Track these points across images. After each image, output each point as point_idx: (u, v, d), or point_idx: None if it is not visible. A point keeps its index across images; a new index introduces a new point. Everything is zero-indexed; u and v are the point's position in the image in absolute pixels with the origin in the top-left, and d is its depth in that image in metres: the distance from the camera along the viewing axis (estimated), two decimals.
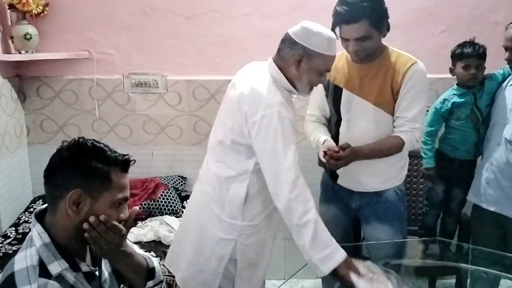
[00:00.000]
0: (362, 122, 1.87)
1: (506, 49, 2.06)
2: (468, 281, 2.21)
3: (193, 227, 1.76)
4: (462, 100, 2.23)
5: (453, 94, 2.27)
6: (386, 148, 1.84)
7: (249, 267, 1.74)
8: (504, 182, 2.05)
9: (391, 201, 1.94)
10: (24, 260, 1.10)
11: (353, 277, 1.46)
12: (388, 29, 1.83)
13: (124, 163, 1.18)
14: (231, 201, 1.66)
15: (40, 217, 1.17)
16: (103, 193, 1.14)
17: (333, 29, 1.72)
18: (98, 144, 1.17)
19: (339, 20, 1.72)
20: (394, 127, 1.86)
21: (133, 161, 1.21)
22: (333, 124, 1.99)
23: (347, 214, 2.05)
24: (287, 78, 1.63)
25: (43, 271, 1.09)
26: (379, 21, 1.74)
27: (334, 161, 1.77)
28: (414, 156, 2.60)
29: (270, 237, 1.81)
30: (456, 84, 2.28)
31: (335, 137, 1.94)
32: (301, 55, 1.59)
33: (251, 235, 1.71)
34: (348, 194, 2.00)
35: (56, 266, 1.11)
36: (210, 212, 1.70)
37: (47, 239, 1.13)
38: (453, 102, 2.24)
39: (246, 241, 1.70)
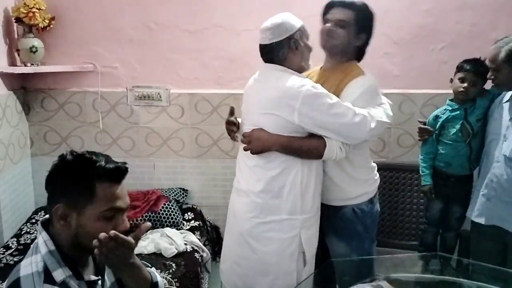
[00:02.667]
0: None
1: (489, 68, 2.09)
2: None
3: (251, 240, 1.79)
4: (453, 114, 2.27)
5: (445, 109, 2.31)
6: (306, 145, 1.73)
7: (312, 258, 1.83)
8: (507, 198, 2.05)
9: (347, 219, 1.89)
10: (29, 266, 1.12)
11: None
12: (362, 47, 1.87)
13: (112, 174, 1.14)
14: (289, 197, 1.73)
15: (46, 224, 1.19)
16: (87, 207, 1.13)
17: (325, 10, 1.85)
18: (85, 156, 1.15)
19: (336, 2, 1.83)
20: None
21: (124, 169, 1.17)
22: None
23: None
24: (292, 67, 1.76)
25: (48, 278, 1.11)
26: (362, 22, 1.81)
27: (243, 138, 1.81)
28: (412, 171, 2.62)
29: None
30: (449, 100, 2.31)
31: None
32: (294, 41, 1.73)
33: (311, 226, 1.80)
34: None
35: (60, 273, 1.13)
36: (265, 221, 1.76)
37: (52, 247, 1.15)
38: (445, 118, 2.28)
39: (308, 232, 1.78)
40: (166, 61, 2.78)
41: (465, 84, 2.22)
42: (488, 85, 2.26)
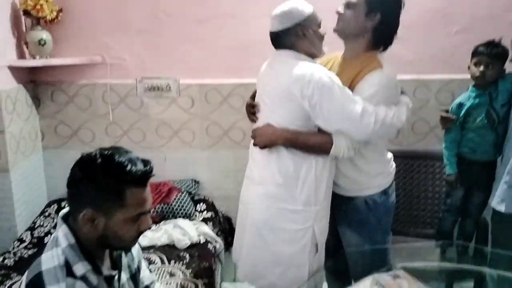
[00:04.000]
0: None
1: None
2: (487, 285, 2.16)
3: (264, 231, 1.78)
4: (478, 101, 2.20)
5: (468, 96, 2.24)
6: (312, 141, 1.71)
7: (322, 248, 1.82)
8: None
9: (359, 210, 1.87)
10: (51, 259, 1.12)
11: None
12: (384, 32, 1.78)
13: (140, 179, 1.14)
14: (303, 188, 1.72)
15: (65, 218, 1.19)
16: (116, 212, 1.13)
17: None
18: (115, 159, 1.12)
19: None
20: None
21: (150, 172, 1.18)
22: None
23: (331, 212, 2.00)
24: (303, 54, 1.75)
25: (69, 272, 1.11)
26: (374, 1, 1.73)
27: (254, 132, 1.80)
28: (427, 158, 2.57)
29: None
30: (472, 86, 2.26)
31: None
32: (300, 29, 1.72)
33: (323, 217, 1.79)
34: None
35: (81, 267, 1.12)
36: (279, 209, 1.75)
37: (73, 240, 1.14)
38: (469, 106, 2.21)
39: (321, 224, 1.77)
40: (175, 51, 2.75)
41: (481, 68, 2.16)
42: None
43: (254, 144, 1.79)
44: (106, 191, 1.11)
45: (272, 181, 1.75)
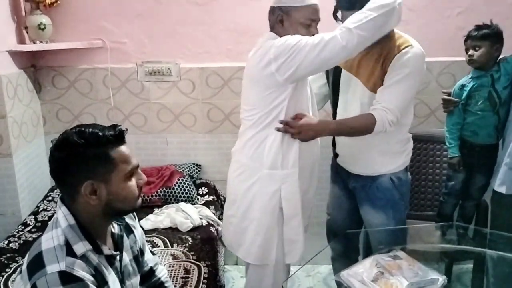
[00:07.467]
0: (356, 103, 1.86)
1: None
2: (486, 265, 2.18)
3: (238, 199, 1.84)
4: (479, 82, 2.19)
5: (470, 78, 2.23)
6: (356, 125, 1.76)
7: (295, 215, 1.81)
8: None
9: (384, 188, 1.89)
10: (51, 240, 1.14)
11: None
12: None
13: (117, 137, 1.18)
14: (270, 150, 1.74)
15: (64, 200, 1.21)
16: (112, 174, 1.17)
17: (335, 12, 1.82)
18: (85, 130, 1.16)
19: (338, 6, 1.80)
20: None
21: (125, 130, 1.22)
22: (331, 105, 2.02)
23: (348, 195, 2.04)
24: None
25: (69, 251, 1.12)
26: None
27: (290, 128, 1.73)
28: (428, 141, 2.57)
29: (311, 189, 1.91)
30: (474, 68, 2.25)
31: (333, 118, 1.98)
32: (280, 15, 1.72)
33: (294, 182, 1.77)
34: (347, 175, 2.00)
35: (81, 247, 1.14)
36: (248, 176, 1.79)
37: (72, 221, 1.17)
38: (471, 87, 2.20)
39: (291, 189, 1.77)
40: (175, 35, 2.73)
41: (470, 52, 2.17)
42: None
43: (301, 140, 1.75)
44: (94, 159, 1.14)
45: (244, 153, 1.80)
